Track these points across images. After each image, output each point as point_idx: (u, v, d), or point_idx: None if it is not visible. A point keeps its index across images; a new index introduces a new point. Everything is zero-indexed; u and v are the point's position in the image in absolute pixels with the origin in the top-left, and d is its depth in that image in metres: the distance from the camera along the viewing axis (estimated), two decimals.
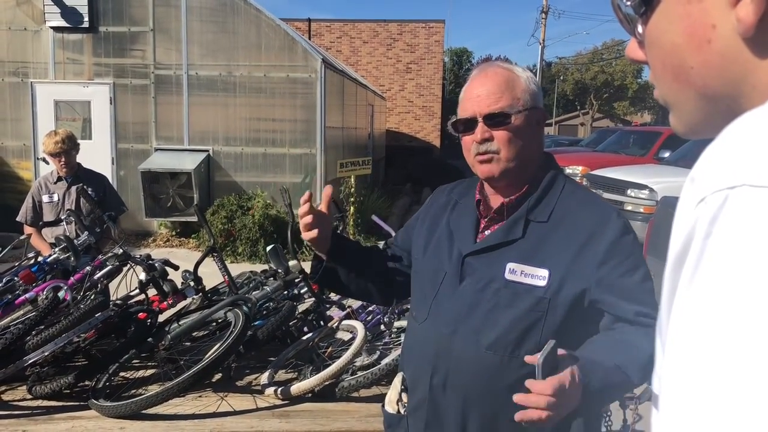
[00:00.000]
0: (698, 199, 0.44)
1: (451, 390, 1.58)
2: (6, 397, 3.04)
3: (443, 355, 1.59)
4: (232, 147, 10.62)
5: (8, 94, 10.67)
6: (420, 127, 22.35)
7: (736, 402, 0.38)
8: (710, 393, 0.39)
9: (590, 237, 1.52)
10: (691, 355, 0.41)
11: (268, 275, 4.15)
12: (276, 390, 3.02)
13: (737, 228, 0.41)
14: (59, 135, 4.53)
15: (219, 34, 10.43)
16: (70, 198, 4.63)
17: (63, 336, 3.04)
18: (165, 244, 10.23)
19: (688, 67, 0.51)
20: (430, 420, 1.62)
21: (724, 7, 0.51)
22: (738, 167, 0.43)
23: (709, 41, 0.52)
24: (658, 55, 0.58)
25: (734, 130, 0.46)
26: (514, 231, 1.58)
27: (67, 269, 3.71)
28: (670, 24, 0.55)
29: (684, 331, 0.43)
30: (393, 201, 14.18)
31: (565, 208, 1.58)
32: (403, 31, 21.76)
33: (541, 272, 1.51)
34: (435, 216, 1.79)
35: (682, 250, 0.45)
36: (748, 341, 0.38)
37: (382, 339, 3.62)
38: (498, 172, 1.59)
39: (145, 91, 10.59)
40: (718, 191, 0.43)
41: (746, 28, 0.49)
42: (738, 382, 0.38)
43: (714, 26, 0.52)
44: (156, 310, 3.52)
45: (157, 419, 2.75)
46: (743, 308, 0.39)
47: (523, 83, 1.60)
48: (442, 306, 1.61)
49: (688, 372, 0.41)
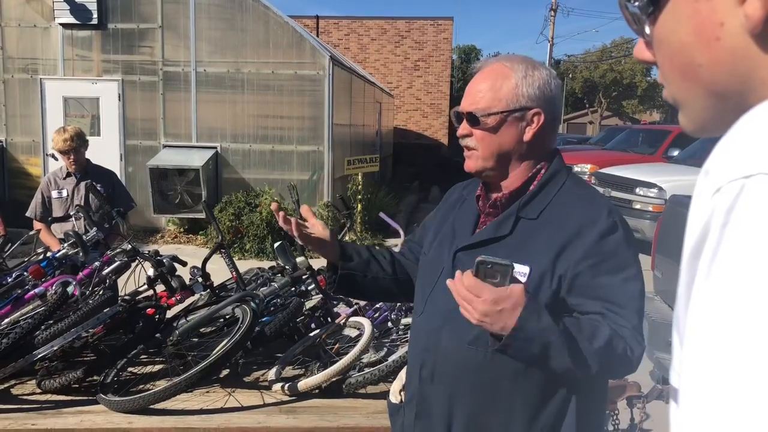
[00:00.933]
0: (714, 189, 0.44)
1: (437, 383, 1.61)
2: (16, 391, 3.05)
3: (431, 348, 1.62)
4: (240, 144, 10.64)
5: (18, 90, 10.72)
6: (428, 124, 22.32)
7: (759, 394, 0.38)
8: (732, 386, 0.39)
9: (575, 235, 1.51)
10: (711, 347, 0.41)
11: (275, 272, 4.16)
12: (283, 386, 3.03)
13: (755, 216, 0.41)
14: (68, 132, 4.54)
15: (227, 30, 10.45)
16: (79, 194, 4.65)
17: (72, 331, 3.05)
18: (173, 241, 10.26)
19: (696, 65, 0.51)
20: (420, 411, 1.66)
21: (732, 5, 0.51)
22: (753, 157, 0.43)
23: (717, 39, 0.52)
24: (666, 54, 0.58)
25: (747, 122, 0.45)
26: (503, 227, 1.59)
27: (76, 265, 3.72)
28: (678, 23, 0.56)
29: (704, 323, 0.42)
30: (401, 198, 14.17)
31: (559, 206, 1.58)
32: (412, 29, 21.74)
33: (523, 269, 1.50)
34: (445, 213, 1.82)
35: (699, 241, 0.45)
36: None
37: (390, 336, 3.62)
38: (474, 169, 1.63)
39: (154, 87, 10.62)
40: (734, 180, 0.43)
41: (754, 24, 0.49)
42: (760, 373, 0.38)
43: (722, 24, 0.52)
44: (164, 305, 3.53)
45: (165, 414, 2.76)
46: (763, 297, 0.39)
47: (512, 84, 1.58)
48: (436, 301, 1.64)
49: (709, 365, 0.41)
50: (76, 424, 2.67)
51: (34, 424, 2.65)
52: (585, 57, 52.07)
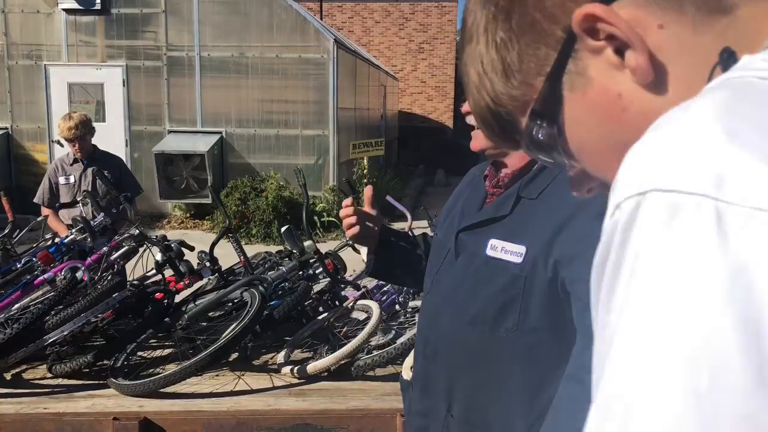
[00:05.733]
0: (614, 205, 0.44)
1: (438, 361, 1.62)
2: (27, 375, 3.08)
3: (433, 327, 1.64)
4: (244, 129, 10.62)
5: (22, 76, 10.71)
6: (433, 107, 22.22)
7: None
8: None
9: (575, 213, 1.46)
10: (611, 350, 0.42)
11: (283, 256, 4.17)
12: (292, 369, 3.04)
13: (647, 234, 0.41)
14: (73, 120, 4.53)
15: (231, 14, 10.39)
16: (87, 180, 4.65)
17: (81, 316, 3.07)
18: (179, 226, 10.29)
19: (623, 144, 0.49)
20: (423, 388, 1.68)
21: (614, 73, 0.51)
22: (648, 172, 0.42)
23: (624, 110, 0.52)
24: (592, 155, 0.57)
25: (650, 135, 0.45)
26: (503, 207, 1.56)
27: (84, 250, 3.73)
28: (582, 125, 0.55)
29: (605, 343, 0.43)
30: (406, 182, 14.16)
31: (559, 185, 1.53)
32: (416, 11, 21.57)
33: (519, 248, 1.47)
34: (457, 194, 1.81)
35: (601, 260, 0.45)
36: (653, 335, 0.39)
37: (398, 319, 3.63)
38: (478, 148, 1.60)
39: (158, 73, 10.59)
40: (630, 197, 0.43)
41: (645, 72, 0.49)
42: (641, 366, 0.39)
43: (619, 95, 0.52)
44: (173, 290, 3.55)
45: (175, 398, 2.78)
46: (652, 315, 0.39)
47: None
48: (440, 280, 1.65)
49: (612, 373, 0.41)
50: (87, 407, 2.69)
51: (46, 408, 2.68)
52: None
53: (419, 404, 1.69)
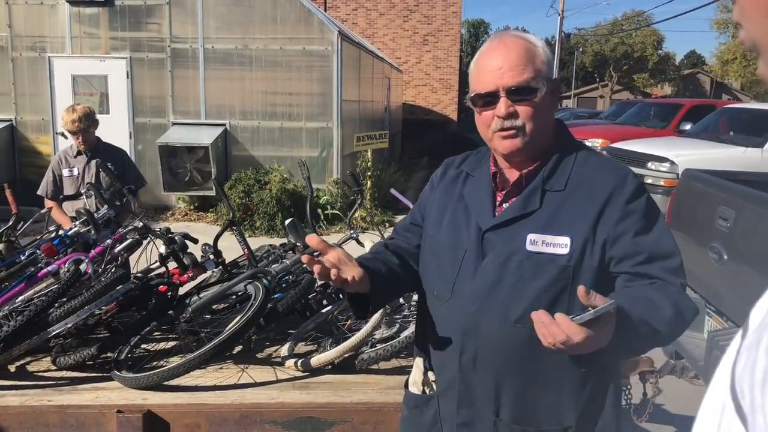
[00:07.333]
0: None
1: (481, 367, 1.58)
2: (31, 367, 3.08)
3: (471, 333, 1.57)
4: (248, 121, 10.61)
5: (26, 68, 10.70)
6: (437, 100, 22.16)
7: None
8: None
9: (608, 199, 1.52)
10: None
11: (286, 249, 4.16)
12: (296, 362, 3.04)
13: None
14: (77, 113, 4.52)
15: (234, 6, 10.36)
16: (90, 172, 4.65)
17: (85, 308, 3.06)
18: (183, 218, 10.30)
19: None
20: (463, 398, 1.62)
21: None
22: None
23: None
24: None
25: None
26: (532, 202, 1.56)
27: (88, 242, 3.73)
28: None
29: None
30: (410, 175, 14.13)
31: (581, 174, 1.57)
32: (420, 3, 21.48)
33: (563, 240, 1.49)
34: (446, 189, 1.75)
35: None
36: None
37: (401, 312, 3.62)
38: (522, 147, 1.56)
39: (162, 65, 10.58)
40: None
41: None
42: None
43: None
44: (176, 283, 3.54)
45: (179, 390, 2.78)
46: None
47: (541, 54, 1.55)
48: (465, 284, 1.59)
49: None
50: (91, 400, 2.69)
51: (50, 400, 2.68)
52: (595, 30, 51.42)
53: (460, 417, 1.63)
